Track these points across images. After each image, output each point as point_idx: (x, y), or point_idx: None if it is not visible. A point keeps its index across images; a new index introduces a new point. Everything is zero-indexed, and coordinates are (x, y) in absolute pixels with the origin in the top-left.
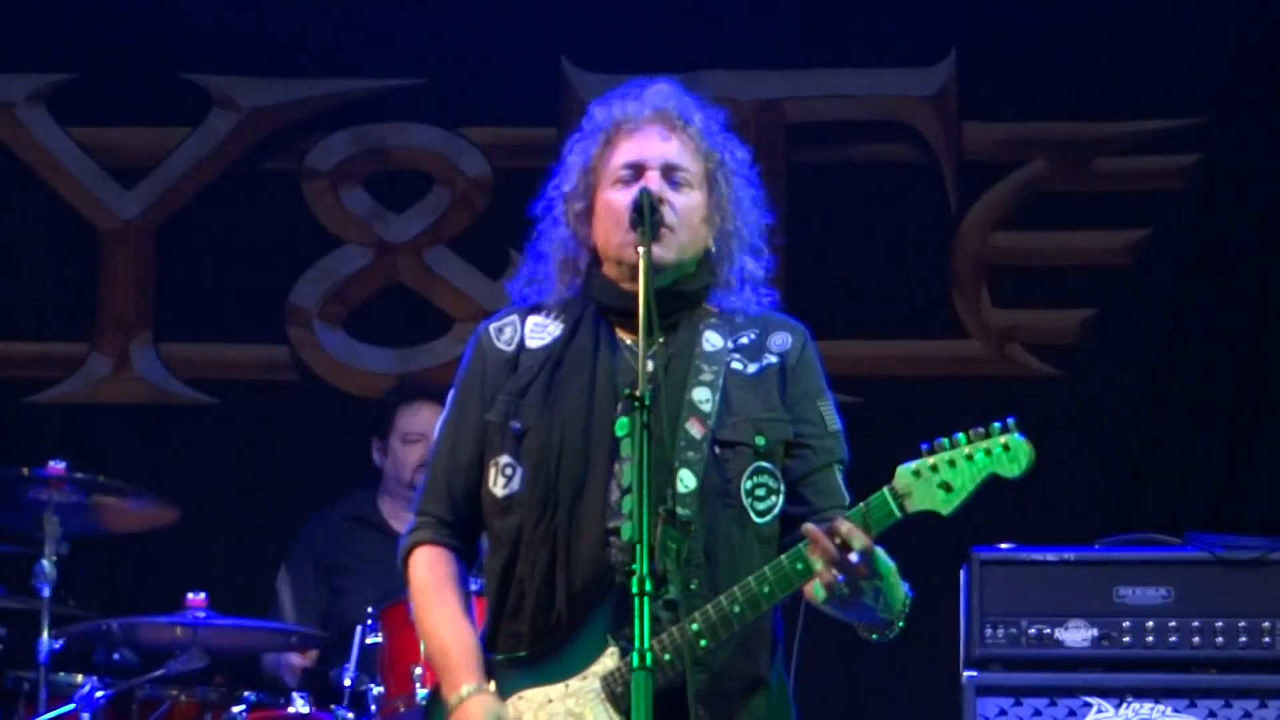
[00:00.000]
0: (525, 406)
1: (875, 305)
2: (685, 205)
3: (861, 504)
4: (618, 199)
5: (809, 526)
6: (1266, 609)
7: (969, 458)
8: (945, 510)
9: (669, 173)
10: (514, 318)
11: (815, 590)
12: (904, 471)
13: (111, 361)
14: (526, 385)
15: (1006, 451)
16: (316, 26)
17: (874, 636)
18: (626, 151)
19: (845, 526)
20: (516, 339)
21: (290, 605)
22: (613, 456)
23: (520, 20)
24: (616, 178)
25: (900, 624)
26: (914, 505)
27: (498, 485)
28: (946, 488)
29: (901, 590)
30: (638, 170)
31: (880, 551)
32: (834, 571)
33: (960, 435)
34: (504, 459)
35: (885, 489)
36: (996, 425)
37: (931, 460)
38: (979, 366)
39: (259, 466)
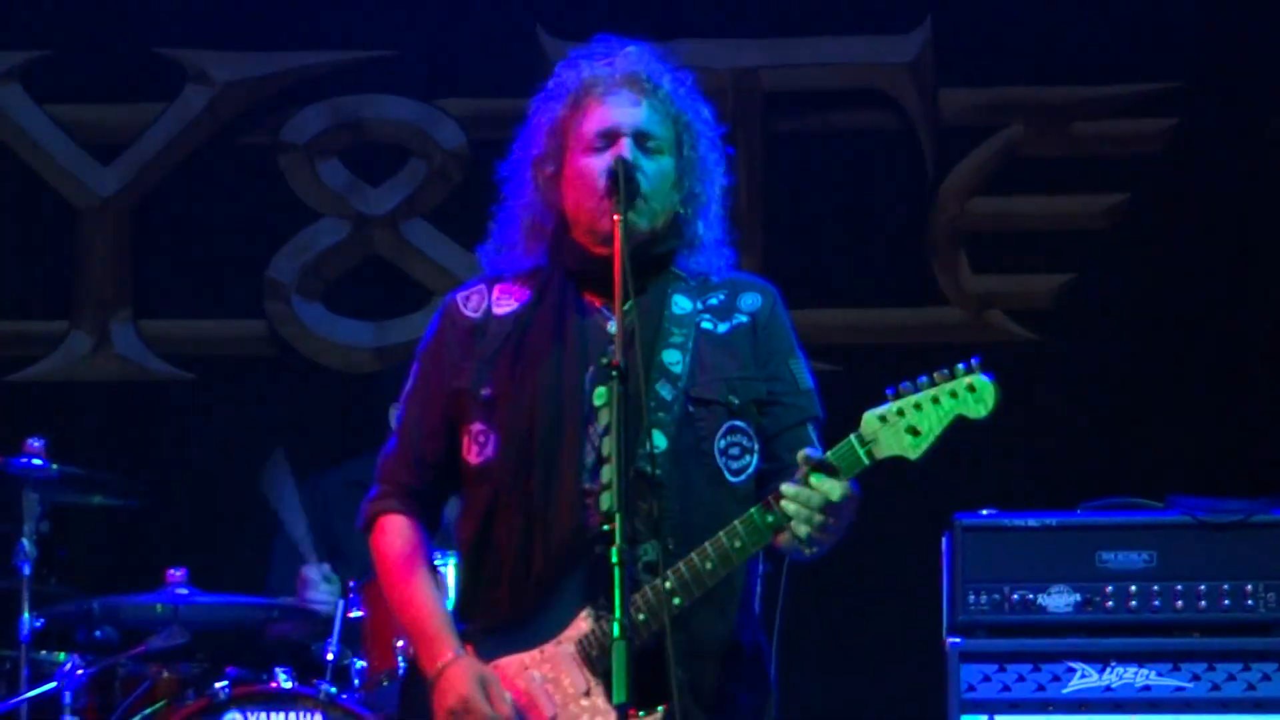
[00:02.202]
0: (495, 372)
1: (854, 273)
2: (656, 172)
3: (829, 453)
4: (590, 166)
5: (786, 488)
6: (1249, 572)
7: (935, 400)
8: (914, 455)
9: (641, 139)
10: (481, 286)
11: (788, 540)
12: (870, 418)
13: (91, 339)
14: (495, 351)
15: (972, 393)
16: None
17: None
18: (598, 117)
19: (825, 485)
20: (484, 306)
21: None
22: (586, 419)
23: None
24: (588, 144)
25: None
26: (881, 451)
27: (471, 453)
28: (914, 432)
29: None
30: (610, 137)
31: (852, 489)
32: (811, 525)
33: (924, 378)
34: (476, 426)
35: (852, 436)
36: (961, 366)
37: (897, 405)
38: (958, 333)
39: (239, 442)
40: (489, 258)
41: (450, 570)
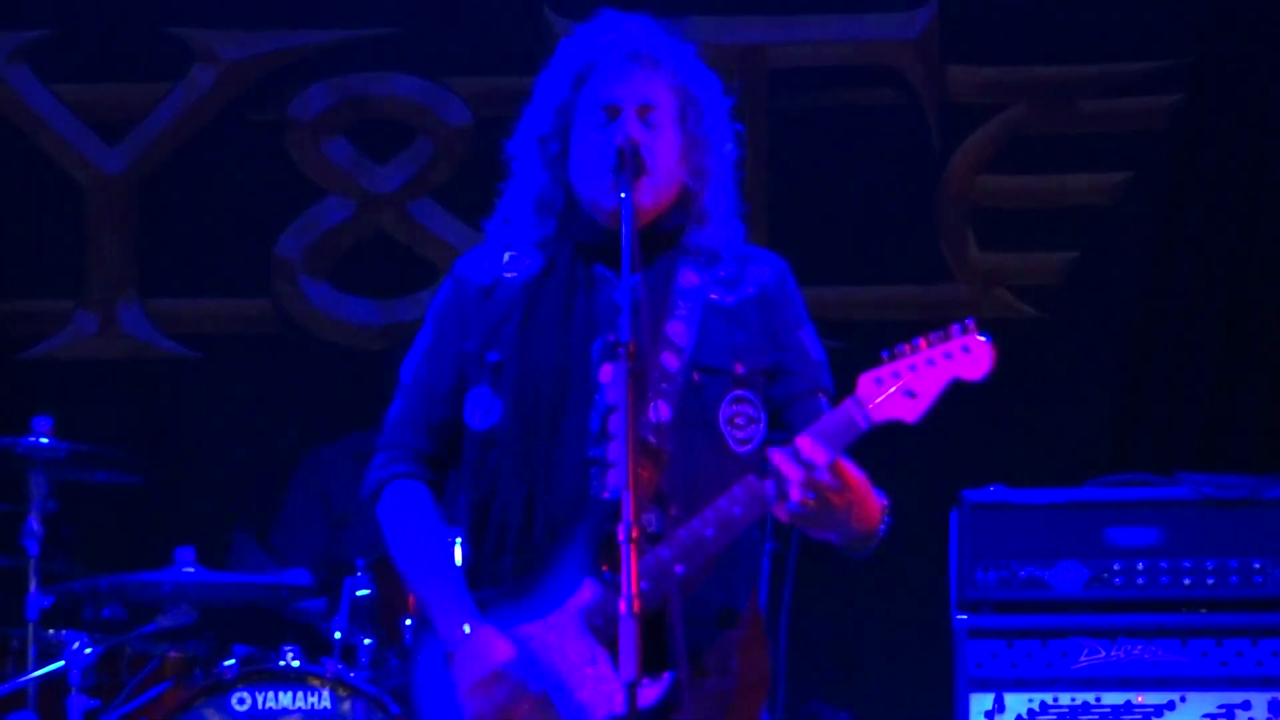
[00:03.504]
0: (503, 337)
1: (860, 250)
2: (660, 146)
3: (824, 415)
4: (594, 141)
5: (772, 450)
6: (1256, 548)
7: (930, 362)
8: (911, 418)
9: (644, 113)
10: (491, 251)
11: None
12: (866, 381)
13: (98, 317)
14: (504, 317)
15: (968, 353)
16: None
17: (853, 552)
18: (601, 92)
19: (808, 444)
20: (494, 271)
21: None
22: (592, 389)
23: None
24: (592, 119)
25: (881, 533)
26: (880, 414)
27: (474, 417)
28: (910, 395)
29: (874, 499)
30: (613, 112)
31: (847, 464)
32: (802, 490)
33: (920, 339)
34: (481, 390)
35: (848, 399)
36: (955, 328)
37: (893, 367)
38: (964, 310)
39: (246, 420)
40: (496, 232)
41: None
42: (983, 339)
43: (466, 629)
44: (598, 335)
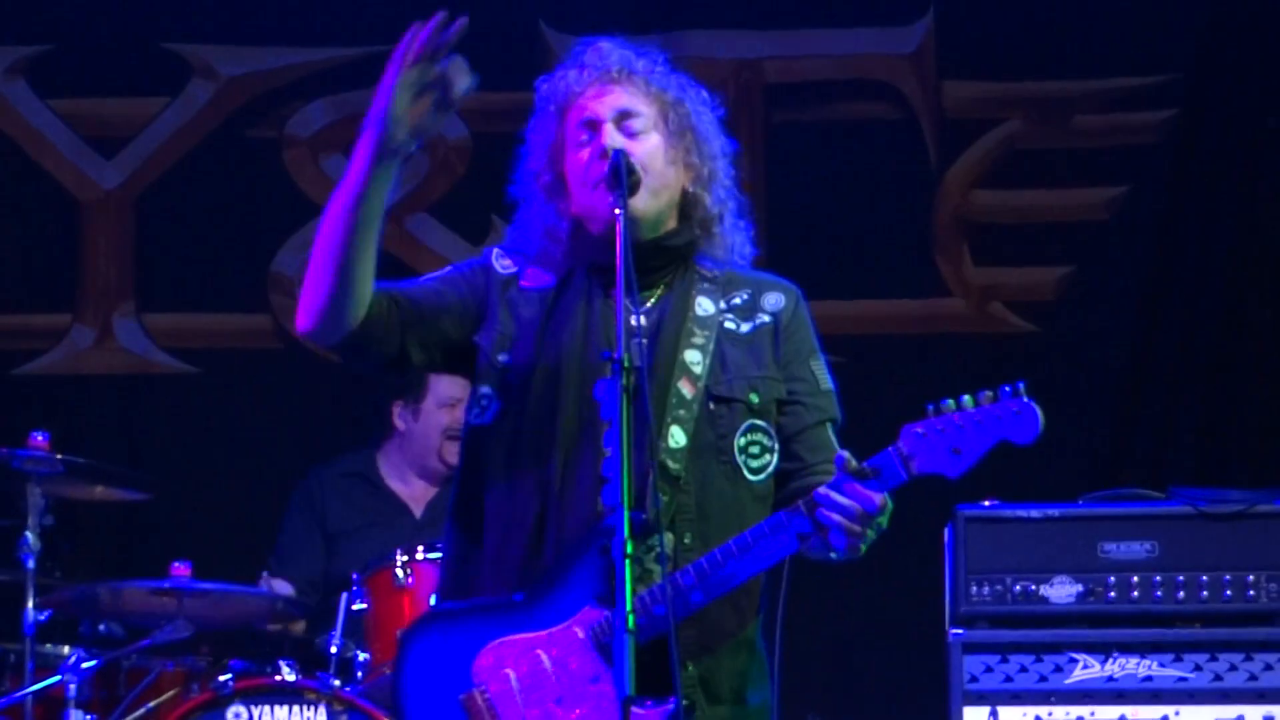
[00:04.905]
0: (516, 342)
1: (856, 265)
2: (645, 149)
3: (867, 465)
4: (580, 159)
5: (822, 494)
6: (1251, 562)
7: (979, 421)
8: (954, 473)
9: (622, 120)
10: (517, 257)
11: (814, 546)
12: (910, 433)
13: (94, 332)
14: (518, 324)
15: (1018, 416)
16: None
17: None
18: (579, 112)
19: (865, 494)
20: (516, 271)
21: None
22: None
23: None
24: (576, 140)
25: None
26: (921, 467)
27: (472, 413)
28: (956, 451)
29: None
30: (593, 126)
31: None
32: (846, 535)
33: (966, 398)
34: (484, 389)
35: (891, 448)
36: (1004, 390)
37: (938, 422)
38: (960, 324)
39: (243, 435)
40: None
41: None
42: (1029, 402)
43: None
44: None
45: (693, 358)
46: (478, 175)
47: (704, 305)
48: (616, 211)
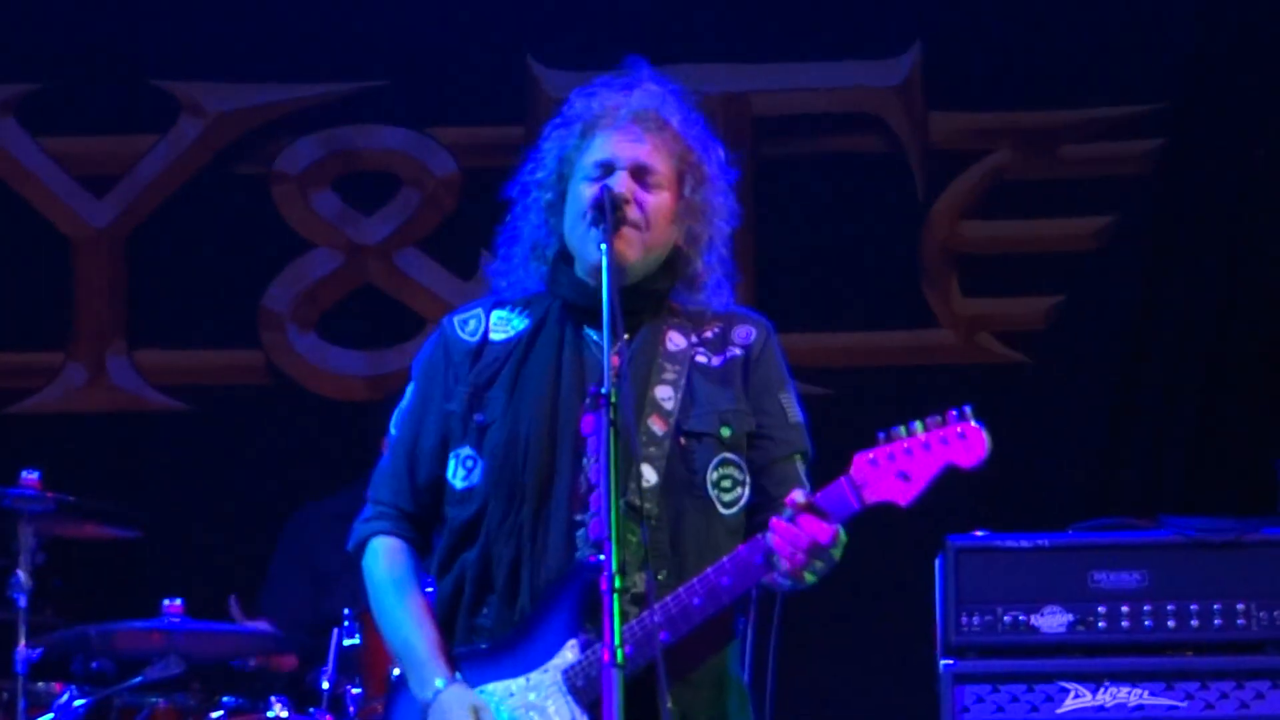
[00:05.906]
0: (490, 399)
1: (844, 296)
2: (654, 205)
3: (819, 494)
4: (583, 194)
5: (775, 526)
6: (1241, 591)
7: (926, 446)
8: (904, 501)
9: (639, 174)
10: (478, 310)
11: (771, 576)
12: (861, 461)
13: (87, 370)
14: (491, 378)
15: (963, 439)
16: (282, 31)
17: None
18: (600, 149)
19: (814, 527)
20: (480, 330)
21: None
22: (579, 452)
23: (485, 19)
24: (587, 174)
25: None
26: (872, 496)
27: (457, 477)
28: (905, 477)
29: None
30: (607, 169)
31: (840, 532)
32: (795, 565)
33: (916, 424)
34: (465, 450)
35: (843, 479)
36: (953, 413)
37: (889, 449)
38: (949, 355)
39: (235, 473)
40: (495, 275)
41: None
42: (977, 425)
43: (435, 686)
44: (585, 398)
45: (664, 394)
46: (467, 210)
47: (675, 340)
48: (602, 247)
